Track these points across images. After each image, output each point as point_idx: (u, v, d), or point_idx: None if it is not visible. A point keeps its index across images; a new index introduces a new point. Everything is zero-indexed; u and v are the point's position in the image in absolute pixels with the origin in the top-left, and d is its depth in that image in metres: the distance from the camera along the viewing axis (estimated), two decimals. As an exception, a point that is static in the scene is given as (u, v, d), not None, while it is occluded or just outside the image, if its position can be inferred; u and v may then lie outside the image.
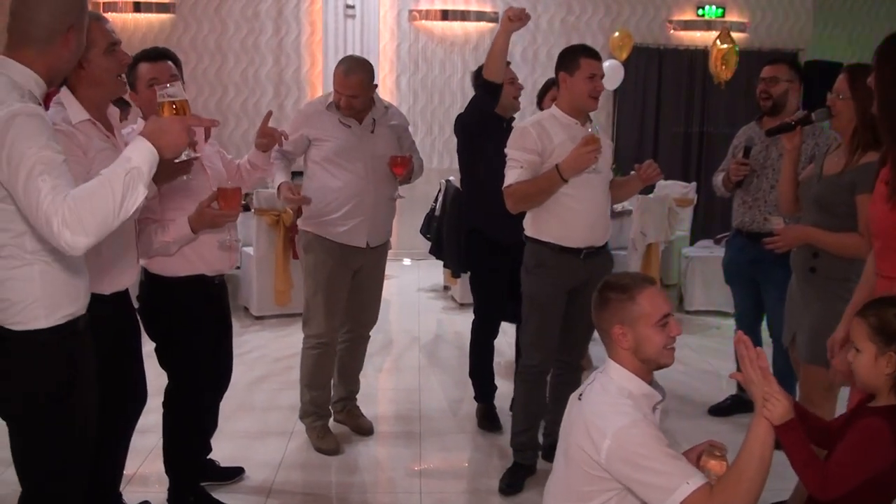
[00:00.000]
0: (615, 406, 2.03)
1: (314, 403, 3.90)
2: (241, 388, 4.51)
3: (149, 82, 2.87)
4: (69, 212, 1.80)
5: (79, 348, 2.16)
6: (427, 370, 5.10)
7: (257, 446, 3.92)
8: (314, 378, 3.88)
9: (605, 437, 1.97)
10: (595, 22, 8.73)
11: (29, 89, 1.98)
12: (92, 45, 2.34)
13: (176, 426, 3.17)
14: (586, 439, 2.01)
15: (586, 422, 2.04)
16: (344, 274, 3.82)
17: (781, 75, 3.94)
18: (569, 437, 2.12)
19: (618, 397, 2.06)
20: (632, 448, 1.95)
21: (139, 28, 8.22)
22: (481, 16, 8.55)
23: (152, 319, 3.08)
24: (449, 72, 8.62)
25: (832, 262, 2.88)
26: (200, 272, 3.06)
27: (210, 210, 2.87)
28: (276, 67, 8.44)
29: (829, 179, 2.94)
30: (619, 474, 1.97)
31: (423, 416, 4.35)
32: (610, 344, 2.15)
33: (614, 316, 2.11)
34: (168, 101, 2.20)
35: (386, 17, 8.43)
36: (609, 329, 2.12)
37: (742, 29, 8.87)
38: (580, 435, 2.04)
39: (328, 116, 3.74)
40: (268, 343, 5.60)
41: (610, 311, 2.12)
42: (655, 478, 1.92)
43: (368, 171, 3.74)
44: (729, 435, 4.03)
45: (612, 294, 2.13)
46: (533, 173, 3.31)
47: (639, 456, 1.94)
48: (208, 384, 3.24)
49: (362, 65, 3.74)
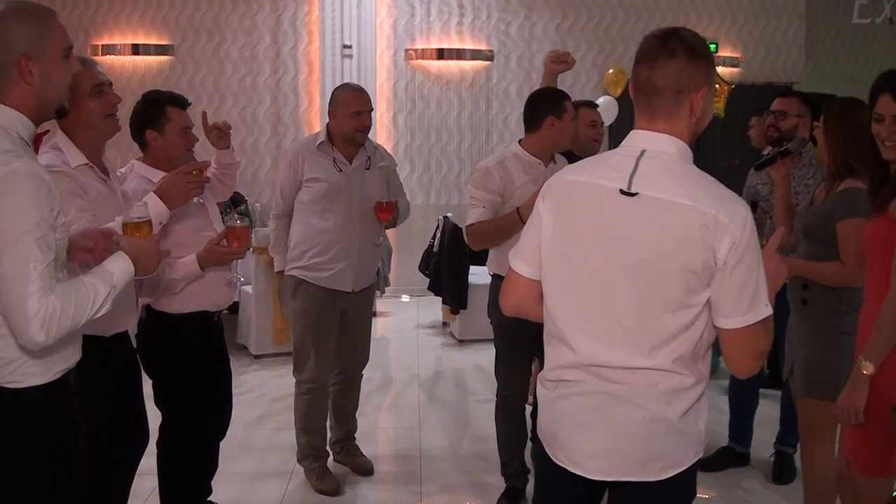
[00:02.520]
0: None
1: (311, 446, 3.88)
2: (241, 428, 4.49)
3: (182, 130, 2.95)
4: (50, 318, 1.79)
5: (74, 403, 2.10)
6: (427, 408, 5.08)
7: (257, 487, 3.90)
8: (308, 422, 3.86)
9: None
10: (589, 59, 8.83)
11: (17, 132, 1.89)
12: (77, 88, 2.36)
13: (174, 467, 3.15)
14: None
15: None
16: (332, 317, 3.80)
17: (791, 110, 3.94)
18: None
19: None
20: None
21: (137, 70, 8.30)
22: (476, 54, 8.65)
23: (152, 357, 3.07)
24: (445, 109, 8.70)
25: (821, 293, 2.90)
26: (203, 308, 3.07)
27: (219, 248, 2.89)
28: (274, 107, 8.51)
29: (813, 209, 2.99)
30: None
31: (423, 454, 4.33)
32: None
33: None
34: (134, 223, 2.21)
35: (382, 56, 8.52)
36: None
37: (735, 63, 8.97)
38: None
39: (321, 157, 3.71)
40: (267, 382, 5.58)
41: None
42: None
43: (357, 213, 3.73)
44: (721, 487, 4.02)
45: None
46: (494, 213, 3.42)
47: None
48: (208, 424, 3.23)
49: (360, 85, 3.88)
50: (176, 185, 2.59)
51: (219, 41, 8.40)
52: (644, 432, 1.79)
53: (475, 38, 8.69)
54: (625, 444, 1.80)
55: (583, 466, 1.84)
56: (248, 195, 7.82)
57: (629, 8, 8.97)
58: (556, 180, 1.92)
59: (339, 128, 3.69)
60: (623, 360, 1.79)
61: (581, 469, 1.85)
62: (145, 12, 8.35)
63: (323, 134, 3.75)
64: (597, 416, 1.82)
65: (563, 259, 1.86)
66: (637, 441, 1.79)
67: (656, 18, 9.03)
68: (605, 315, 1.80)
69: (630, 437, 1.80)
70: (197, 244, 2.94)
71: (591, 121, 4.13)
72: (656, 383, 1.78)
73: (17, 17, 1.89)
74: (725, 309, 1.74)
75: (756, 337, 1.76)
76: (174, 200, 2.59)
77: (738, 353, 1.79)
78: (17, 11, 1.90)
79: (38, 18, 1.92)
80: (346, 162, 3.73)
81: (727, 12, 9.14)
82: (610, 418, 1.81)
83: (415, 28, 8.60)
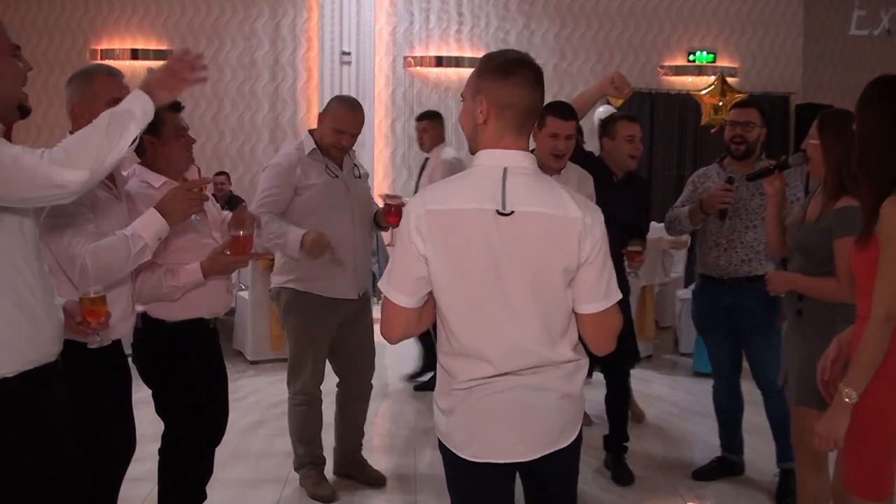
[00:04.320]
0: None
1: (308, 454, 3.86)
2: (236, 434, 4.48)
3: (178, 133, 2.94)
4: (58, 150, 1.84)
5: (53, 401, 2.08)
6: (423, 416, 5.07)
7: (252, 494, 3.89)
8: (305, 432, 3.83)
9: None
10: (587, 68, 8.86)
11: None
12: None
13: (174, 474, 3.15)
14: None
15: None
16: (330, 328, 3.76)
17: (755, 120, 3.84)
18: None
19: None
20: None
21: (136, 75, 8.26)
22: (475, 62, 8.60)
23: (149, 366, 3.06)
24: (444, 117, 8.70)
25: (817, 305, 2.89)
26: (200, 315, 3.07)
27: (223, 256, 2.90)
28: (272, 113, 8.53)
29: (807, 226, 2.95)
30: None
31: (418, 462, 4.32)
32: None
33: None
34: (89, 298, 2.29)
35: (381, 63, 8.54)
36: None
37: (733, 74, 9.01)
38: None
39: (312, 164, 3.63)
40: (263, 388, 5.57)
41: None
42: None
43: (354, 219, 3.70)
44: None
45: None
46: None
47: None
48: (204, 430, 3.22)
49: (359, 103, 3.77)
50: (177, 202, 2.60)
51: (218, 46, 8.42)
52: (557, 409, 2.04)
53: (474, 46, 8.72)
54: (544, 424, 2.03)
55: (509, 453, 2.03)
56: (248, 201, 7.81)
57: (628, 17, 9.01)
58: (426, 212, 1.93)
59: (320, 135, 3.65)
60: (534, 360, 1.99)
61: (507, 457, 2.03)
62: (144, 17, 8.37)
63: (310, 141, 3.67)
64: (514, 406, 2.00)
65: (461, 283, 1.94)
66: (552, 418, 2.04)
67: (654, 28, 9.08)
68: (513, 327, 1.96)
69: (546, 416, 2.03)
70: (197, 251, 2.95)
71: (629, 135, 3.90)
72: (560, 368, 2.02)
73: None
74: (587, 296, 1.98)
75: (613, 318, 2.03)
76: (175, 217, 2.60)
77: (596, 334, 2.04)
78: None
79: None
80: (338, 168, 3.70)
81: (725, 22, 9.17)
82: (527, 405, 2.01)
83: (414, 35, 8.63)
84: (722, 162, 3.99)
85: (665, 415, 5.11)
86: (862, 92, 2.43)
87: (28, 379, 2.00)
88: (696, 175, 4.08)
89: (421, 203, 1.96)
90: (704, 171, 4.06)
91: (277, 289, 3.77)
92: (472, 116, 2.01)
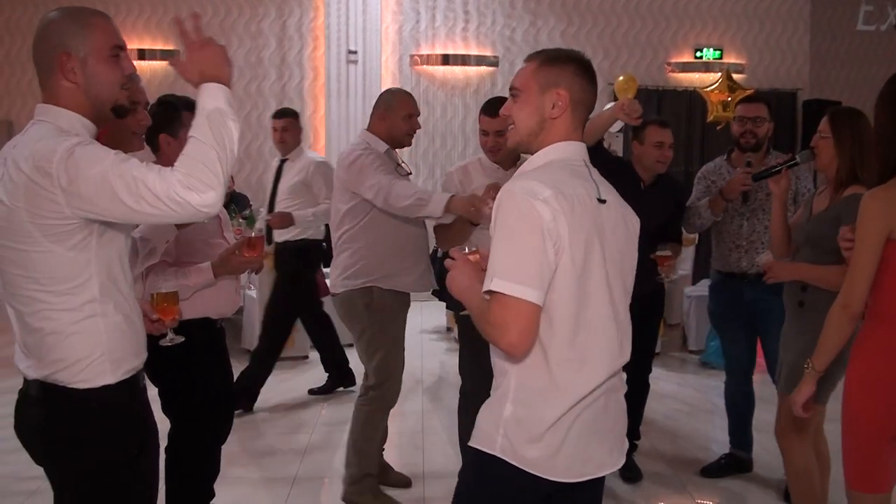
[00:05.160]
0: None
1: (373, 466, 3.74)
2: (244, 433, 4.49)
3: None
4: (183, 177, 1.74)
5: (145, 403, 2.10)
6: (431, 414, 5.08)
7: (259, 492, 3.89)
8: (375, 442, 3.75)
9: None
10: (594, 65, 8.80)
11: (76, 134, 1.88)
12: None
13: (181, 472, 3.16)
14: None
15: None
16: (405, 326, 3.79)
17: (764, 115, 3.87)
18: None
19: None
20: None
21: (143, 75, 8.25)
22: (481, 60, 8.66)
23: (157, 364, 3.07)
24: (450, 115, 8.72)
25: (820, 295, 2.90)
26: (207, 315, 3.07)
27: (235, 257, 2.91)
28: (279, 112, 8.52)
29: (817, 217, 3.01)
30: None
31: (426, 460, 4.32)
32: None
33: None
34: (161, 294, 2.46)
35: (388, 62, 8.54)
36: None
37: (740, 70, 8.98)
38: None
39: (388, 163, 3.61)
40: (270, 387, 5.57)
41: None
42: None
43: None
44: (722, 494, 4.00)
45: None
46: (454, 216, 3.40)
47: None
48: (211, 429, 3.23)
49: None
50: (230, 265, 2.90)
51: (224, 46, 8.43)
52: (623, 411, 1.99)
53: (480, 44, 8.71)
54: (622, 427, 1.98)
55: (606, 464, 1.91)
56: (254, 200, 7.82)
57: (634, 14, 8.99)
58: (554, 194, 1.75)
59: (390, 130, 3.64)
60: (624, 359, 1.93)
61: (606, 468, 1.91)
62: (151, 17, 8.40)
63: (378, 141, 3.63)
64: (608, 413, 1.92)
65: (578, 276, 1.78)
66: (624, 419, 1.99)
67: (661, 24, 9.06)
68: (613, 324, 1.87)
69: (623, 419, 1.98)
70: (208, 251, 2.96)
71: (658, 141, 3.80)
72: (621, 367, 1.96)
73: (61, 18, 1.95)
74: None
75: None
76: (223, 273, 2.90)
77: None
78: (63, 14, 1.96)
79: (80, 18, 1.96)
80: (402, 165, 3.74)
81: (732, 18, 9.15)
82: (613, 410, 1.93)
83: (420, 34, 8.63)
84: (730, 156, 4.00)
85: (673, 412, 5.10)
86: (881, 90, 2.46)
87: (126, 387, 2.00)
88: (706, 170, 4.08)
89: (539, 186, 1.76)
90: (713, 167, 4.06)
91: (358, 290, 3.60)
92: (539, 110, 1.91)
